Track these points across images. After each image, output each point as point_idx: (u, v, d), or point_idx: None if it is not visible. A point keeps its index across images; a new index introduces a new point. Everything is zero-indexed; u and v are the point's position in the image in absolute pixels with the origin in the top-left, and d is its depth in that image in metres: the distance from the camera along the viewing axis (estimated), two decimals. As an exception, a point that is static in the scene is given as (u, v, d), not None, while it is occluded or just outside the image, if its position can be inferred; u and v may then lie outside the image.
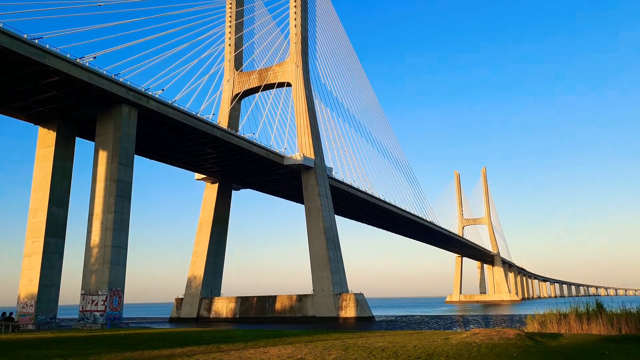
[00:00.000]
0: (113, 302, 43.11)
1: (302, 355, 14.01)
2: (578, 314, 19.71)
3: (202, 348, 17.06)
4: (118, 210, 44.57)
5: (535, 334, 17.32)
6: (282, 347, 16.50)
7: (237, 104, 79.67)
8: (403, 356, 13.44)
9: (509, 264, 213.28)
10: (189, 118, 54.12)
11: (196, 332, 27.94)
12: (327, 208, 71.22)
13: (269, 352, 14.99)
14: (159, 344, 19.48)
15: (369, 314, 64.26)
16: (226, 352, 15.52)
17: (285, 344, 17.46)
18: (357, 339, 19.06)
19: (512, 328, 18.81)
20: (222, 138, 58.94)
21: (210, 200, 77.48)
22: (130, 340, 22.16)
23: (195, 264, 75.15)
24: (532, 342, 15.37)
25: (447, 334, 21.10)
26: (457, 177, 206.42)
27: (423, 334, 21.59)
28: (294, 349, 15.75)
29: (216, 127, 58.58)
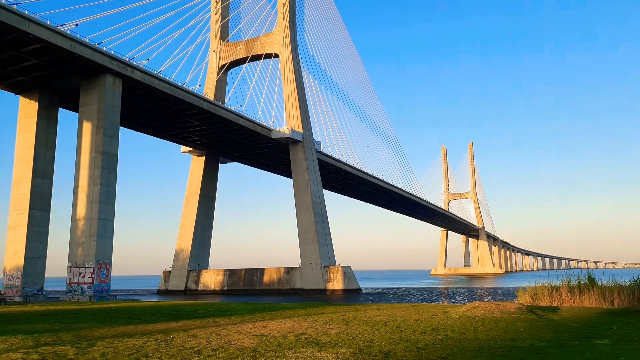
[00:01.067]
0: (100, 275, 42.99)
1: (303, 329, 13.79)
2: (570, 287, 19.94)
3: (197, 322, 16.67)
4: (104, 182, 44.01)
5: (535, 307, 17.43)
6: (280, 321, 16.33)
7: (224, 76, 78.34)
8: (408, 330, 13.24)
9: (493, 237, 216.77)
10: (175, 89, 53.13)
11: (188, 305, 27.28)
12: (315, 182, 71.16)
13: (267, 327, 14.70)
14: (152, 317, 19.02)
15: (356, 286, 65.08)
16: (223, 326, 15.22)
17: (282, 318, 17.30)
18: (355, 313, 18.97)
19: (511, 302, 18.81)
20: (209, 110, 58.09)
21: (197, 174, 76.89)
22: (122, 313, 21.52)
23: (182, 237, 75.04)
24: (535, 316, 15.47)
25: (445, 307, 21.20)
26: (444, 151, 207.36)
27: (420, 307, 21.70)
28: (293, 323, 15.61)
29: (202, 99, 57.66)
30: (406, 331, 13.16)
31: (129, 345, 11.67)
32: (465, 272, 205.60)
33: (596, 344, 11.01)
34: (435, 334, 12.51)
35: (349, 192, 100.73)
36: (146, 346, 11.44)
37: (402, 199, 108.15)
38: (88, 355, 10.31)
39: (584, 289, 19.65)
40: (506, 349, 10.33)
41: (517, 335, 12.37)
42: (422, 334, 12.58)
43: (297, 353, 10.10)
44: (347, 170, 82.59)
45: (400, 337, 12.16)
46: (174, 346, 11.38)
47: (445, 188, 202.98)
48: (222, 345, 11.32)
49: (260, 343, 11.61)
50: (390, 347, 10.62)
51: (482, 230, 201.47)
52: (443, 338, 11.91)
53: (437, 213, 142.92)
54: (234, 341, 11.95)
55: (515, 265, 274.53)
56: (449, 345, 10.88)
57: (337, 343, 11.34)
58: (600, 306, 18.85)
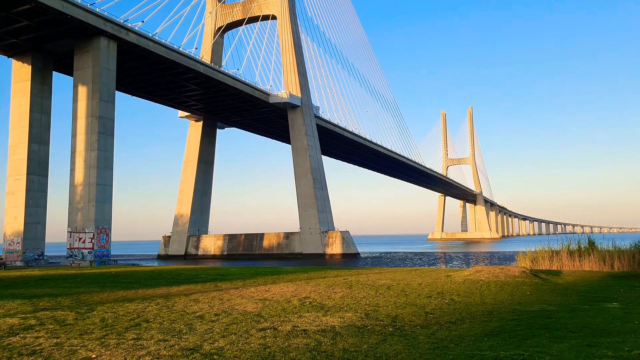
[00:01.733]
0: (100, 240, 42.99)
1: (306, 293, 13.73)
2: (570, 251, 19.84)
3: (199, 287, 16.49)
4: (101, 147, 43.45)
5: (538, 271, 17.33)
6: (282, 285, 16.20)
7: (220, 39, 76.59)
8: (412, 294, 13.03)
9: (491, 202, 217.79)
10: (171, 52, 51.88)
11: (189, 269, 26.98)
12: (314, 148, 70.61)
13: (270, 291, 14.60)
14: (152, 282, 18.80)
15: (355, 251, 65.54)
16: (225, 290, 15.06)
17: (285, 282, 17.15)
18: (358, 276, 18.83)
19: (514, 265, 18.72)
20: (206, 73, 56.94)
21: (195, 139, 76.21)
22: (122, 278, 21.36)
23: (181, 202, 75.02)
24: (539, 280, 15.39)
25: (447, 271, 20.96)
26: (443, 116, 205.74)
27: (421, 270, 21.57)
28: (295, 286, 15.46)
29: (199, 62, 56.42)
30: (411, 295, 12.95)
31: (129, 310, 11.44)
32: (463, 237, 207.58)
33: (607, 307, 10.85)
34: (441, 298, 12.25)
35: (347, 158, 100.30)
36: (147, 311, 11.19)
37: (400, 164, 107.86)
38: (87, 320, 10.11)
39: (584, 253, 19.58)
40: (516, 313, 10.12)
41: (524, 299, 12.21)
42: (428, 298, 12.32)
43: (302, 318, 9.90)
44: (346, 136, 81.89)
45: (405, 301, 11.93)
46: (176, 311, 11.11)
47: (444, 153, 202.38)
48: (224, 310, 11.10)
49: (264, 307, 11.36)
50: (397, 312, 10.43)
51: (479, 195, 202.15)
52: (450, 302, 11.68)
53: (435, 179, 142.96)
54: (237, 306, 11.73)
55: (511, 230, 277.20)
56: (457, 309, 10.67)
57: (342, 307, 11.14)
58: (600, 270, 18.81)
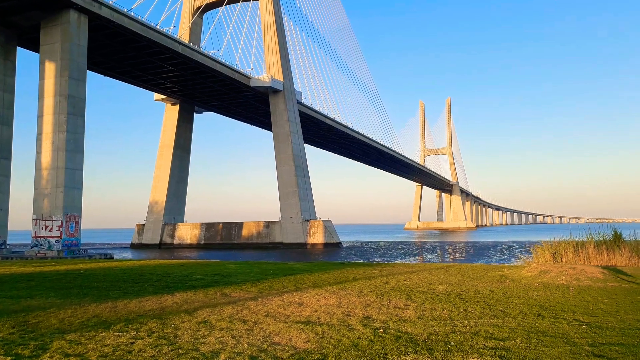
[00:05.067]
0: (69, 228, 40.29)
1: (360, 309, 10.23)
2: (597, 244, 18.44)
3: (200, 295, 12.17)
4: (70, 129, 40.54)
5: (610, 269, 14.94)
6: (312, 292, 12.48)
7: (199, 19, 73.35)
8: (513, 311, 9.88)
9: (466, 193, 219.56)
10: (147, 30, 48.90)
11: (176, 266, 21.76)
12: (296, 134, 68.56)
13: (304, 304, 10.86)
14: (135, 286, 14.15)
15: (337, 240, 64.10)
16: (239, 302, 11.08)
17: (311, 287, 13.49)
18: (396, 278, 15.37)
19: (588, 265, 15.81)
20: (184, 54, 54.12)
21: (171, 123, 73.19)
22: (93, 280, 16.07)
23: (156, 189, 72.14)
24: (634, 284, 13.28)
25: (489, 268, 18.24)
26: (421, 106, 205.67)
27: (457, 268, 18.77)
28: (333, 296, 11.94)
29: (177, 42, 53.53)
30: (509, 313, 9.60)
31: (105, 348, 7.10)
32: (439, 227, 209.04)
33: None
34: (562, 319, 8.96)
35: (328, 146, 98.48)
36: (135, 351, 6.98)
37: (381, 154, 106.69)
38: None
39: (610, 246, 18.19)
40: None
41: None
42: (540, 319, 9.01)
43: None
44: (327, 124, 79.97)
45: (517, 325, 8.58)
46: (183, 349, 7.07)
47: (422, 143, 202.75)
48: (260, 346, 7.21)
49: (321, 340, 7.50)
50: (538, 352, 6.91)
51: (456, 185, 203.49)
52: (589, 328, 8.32)
53: (414, 168, 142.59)
54: (275, 336, 7.84)
55: (485, 219, 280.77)
56: (616, 341, 7.38)
57: (446, 342, 7.37)
58: (638, 265, 17.43)
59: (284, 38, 71.30)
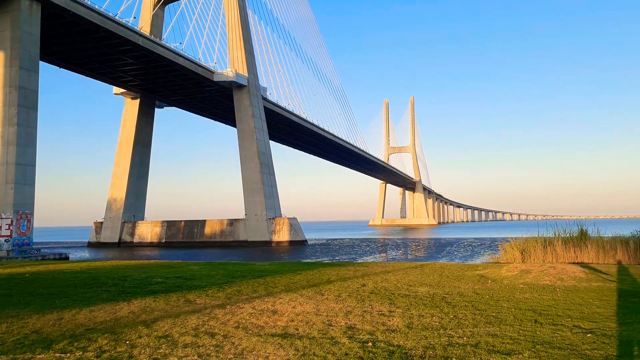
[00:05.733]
0: (21, 227, 38.19)
1: (341, 316, 9.25)
2: (564, 240, 18.47)
3: (161, 302, 10.90)
4: (22, 122, 38.40)
5: (593, 269, 14.50)
6: (285, 297, 11.46)
7: (161, 11, 71.16)
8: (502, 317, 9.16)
9: (429, 190, 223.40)
10: (106, 20, 46.93)
11: (135, 267, 20.01)
12: (261, 130, 67.54)
13: (279, 312, 9.73)
14: (87, 292, 12.54)
15: (302, 238, 63.56)
16: (205, 311, 9.85)
17: (283, 291, 12.38)
18: (373, 278, 14.73)
19: (567, 264, 15.37)
20: (145, 46, 52.29)
21: (131, 118, 70.77)
22: (39, 285, 14.25)
23: (115, 186, 69.68)
24: (617, 284, 12.89)
25: (462, 267, 17.43)
26: (385, 105, 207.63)
27: (428, 267, 18.02)
28: (310, 301, 10.86)
29: (138, 34, 51.64)
30: (506, 319, 8.89)
31: None
32: (402, 223, 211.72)
33: None
34: (562, 327, 8.26)
35: (294, 143, 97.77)
36: None
37: (346, 151, 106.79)
38: None
39: (577, 242, 18.27)
40: None
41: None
42: (539, 326, 8.34)
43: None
44: (293, 120, 79.25)
45: (518, 332, 7.90)
46: None
47: (386, 142, 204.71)
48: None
49: (304, 358, 6.66)
50: None
51: (418, 183, 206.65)
52: (593, 337, 7.65)
53: (378, 166, 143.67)
54: (250, 353, 6.90)
55: (447, 217, 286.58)
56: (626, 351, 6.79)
57: (446, 358, 6.60)
58: (607, 262, 17.48)
59: (248, 32, 70.09)
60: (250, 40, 70.18)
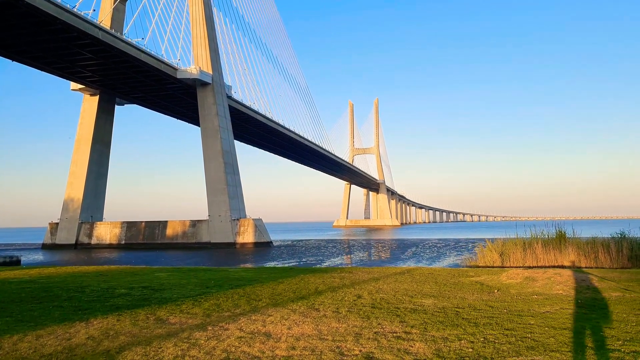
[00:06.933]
0: (-31, 228, 36.01)
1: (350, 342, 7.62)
2: (544, 242, 18.30)
3: (126, 322, 9.01)
4: (-30, 118, 36.25)
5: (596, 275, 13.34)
6: (275, 314, 9.79)
7: (122, 6, 68.99)
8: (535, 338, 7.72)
9: (392, 191, 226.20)
10: (63, 12, 44.99)
11: (94, 274, 17.60)
12: (225, 129, 66.41)
13: (273, 335, 8.07)
14: (35, 309, 10.48)
15: (268, 239, 62.84)
16: (182, 334, 8.10)
17: (270, 305, 10.86)
18: (366, 286, 13.47)
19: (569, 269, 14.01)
20: (104, 40, 50.45)
21: (89, 115, 68.26)
22: None
23: (72, 186, 67.03)
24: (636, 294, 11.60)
25: (453, 273, 16.20)
26: (350, 106, 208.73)
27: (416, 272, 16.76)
28: (306, 320, 9.24)
29: (97, 27, 49.76)
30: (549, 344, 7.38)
31: None
32: (366, 224, 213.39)
33: None
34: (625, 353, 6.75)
35: (259, 143, 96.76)
36: None
37: (311, 151, 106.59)
38: None
39: (556, 244, 18.00)
40: None
41: None
42: (591, 351, 6.90)
43: None
44: (259, 120, 78.34)
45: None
46: None
47: (351, 143, 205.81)
48: None
49: None
50: None
51: (382, 184, 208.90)
52: None
53: (343, 167, 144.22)
54: None
55: (409, 217, 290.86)
56: None
57: None
58: (589, 265, 17.45)
59: (213, 30, 68.85)
60: (215, 38, 68.96)
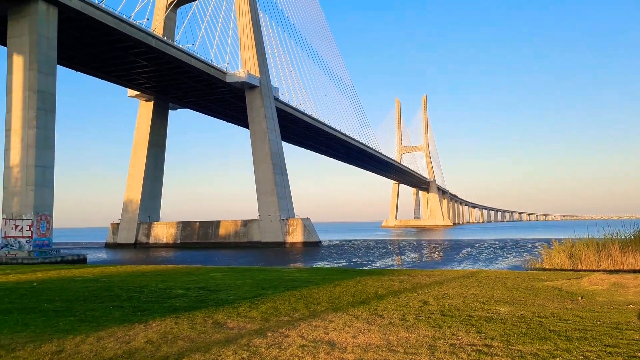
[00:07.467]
0: (40, 228, 38.87)
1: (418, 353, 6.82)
2: (621, 244, 16.33)
3: (184, 325, 8.78)
4: (40, 125, 39.11)
5: None
6: (335, 319, 9.21)
7: (173, 14, 71.87)
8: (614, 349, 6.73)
9: (443, 190, 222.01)
10: (120, 23, 47.60)
11: (152, 274, 18.01)
12: (273, 131, 67.85)
13: (338, 344, 7.32)
14: (96, 310, 10.56)
15: (316, 239, 63.66)
16: (241, 341, 7.64)
17: (328, 309, 10.24)
18: (431, 291, 12.66)
19: None
20: (158, 48, 52.90)
21: (145, 120, 71.63)
22: (45, 298, 12.29)
23: (131, 188, 70.54)
24: None
25: (522, 277, 15.02)
26: (397, 104, 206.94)
27: (482, 274, 15.68)
28: (370, 328, 8.39)
29: (151, 35, 52.28)
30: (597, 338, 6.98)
31: None
32: (416, 224, 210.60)
33: None
34: None
35: (306, 143, 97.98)
36: None
37: (358, 151, 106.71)
38: None
39: (636, 246, 15.87)
40: None
41: None
42: None
43: None
44: (305, 121, 79.46)
45: None
46: None
47: (398, 141, 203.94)
48: None
49: None
50: None
51: (432, 183, 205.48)
52: None
53: (391, 166, 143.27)
54: None
55: (462, 217, 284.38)
56: None
57: None
58: None
59: (260, 33, 70.49)
60: (261, 41, 70.58)
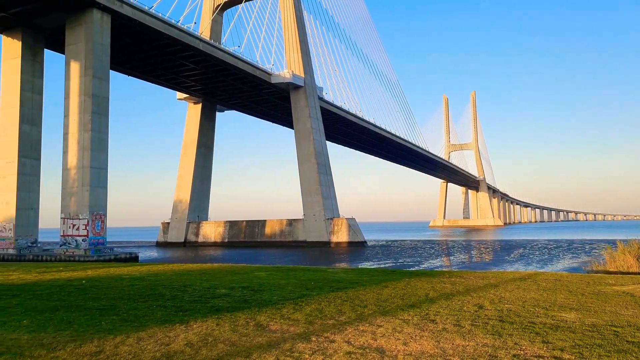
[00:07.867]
0: (95, 227, 40.73)
1: None
2: None
3: (226, 327, 8.52)
4: (95, 128, 40.97)
5: None
6: (384, 324, 8.62)
7: (219, 17, 73.54)
8: None
9: (493, 189, 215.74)
10: (169, 27, 49.14)
11: (197, 273, 18.18)
12: (317, 131, 68.10)
13: (386, 351, 6.80)
14: (139, 309, 10.60)
15: (362, 239, 63.39)
16: (284, 345, 7.23)
17: (377, 313, 9.65)
18: (487, 294, 11.94)
19: None
20: (205, 51, 54.23)
21: (193, 122, 73.70)
22: (90, 297, 12.47)
23: (180, 188, 72.75)
24: None
25: (584, 280, 14.32)
26: (445, 101, 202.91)
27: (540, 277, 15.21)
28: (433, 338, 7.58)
29: (198, 39, 53.67)
30: None
31: None
32: (465, 224, 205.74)
33: None
34: None
35: (351, 143, 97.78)
36: None
37: (404, 150, 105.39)
38: None
39: None
40: None
41: None
42: None
43: None
44: (350, 120, 79.30)
45: None
46: None
47: (446, 139, 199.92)
48: None
49: None
50: None
51: (482, 181, 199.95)
52: None
53: (438, 164, 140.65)
54: None
55: (513, 217, 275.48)
56: None
57: None
58: None
59: (304, 33, 70.89)
60: (306, 41, 70.96)
